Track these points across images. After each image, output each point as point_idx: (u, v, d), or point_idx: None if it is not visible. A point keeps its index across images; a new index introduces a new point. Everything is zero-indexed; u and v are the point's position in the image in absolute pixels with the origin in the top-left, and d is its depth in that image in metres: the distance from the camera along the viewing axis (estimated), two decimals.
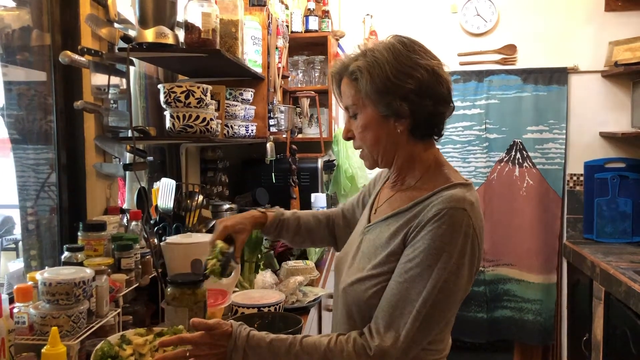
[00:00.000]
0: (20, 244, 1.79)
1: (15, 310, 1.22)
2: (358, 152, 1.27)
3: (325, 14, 3.23)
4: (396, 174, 1.24)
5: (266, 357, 1.10)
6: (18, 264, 1.75)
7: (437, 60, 1.16)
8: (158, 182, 2.10)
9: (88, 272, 1.25)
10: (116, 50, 1.77)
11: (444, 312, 1.09)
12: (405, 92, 1.12)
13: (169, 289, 1.38)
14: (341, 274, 1.26)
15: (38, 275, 1.22)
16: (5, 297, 1.17)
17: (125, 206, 2.02)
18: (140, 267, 1.59)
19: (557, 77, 3.50)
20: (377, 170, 1.35)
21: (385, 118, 1.16)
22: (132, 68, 1.99)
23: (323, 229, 1.53)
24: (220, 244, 1.32)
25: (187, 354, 1.09)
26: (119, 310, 1.43)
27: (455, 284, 1.07)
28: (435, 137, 1.22)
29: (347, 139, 1.24)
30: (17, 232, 1.76)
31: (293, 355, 1.09)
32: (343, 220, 1.51)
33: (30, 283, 1.29)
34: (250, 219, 1.40)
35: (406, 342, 1.06)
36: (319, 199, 2.98)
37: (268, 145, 2.68)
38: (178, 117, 1.79)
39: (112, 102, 1.88)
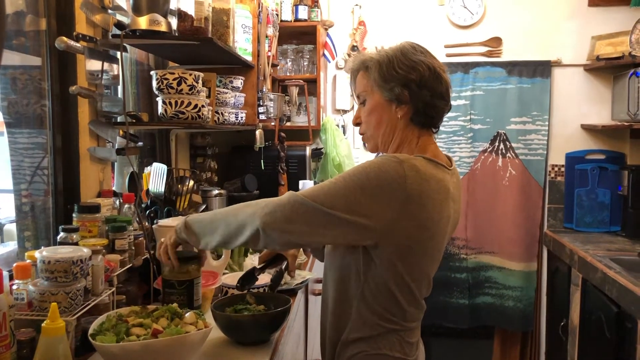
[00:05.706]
0: (5, 227, 1.81)
1: (14, 287, 1.26)
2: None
3: (315, 4, 3.26)
4: None
5: (205, 218, 1.32)
6: (2, 249, 1.78)
7: (439, 62, 1.31)
8: (149, 167, 2.14)
9: (85, 251, 1.29)
10: (110, 37, 1.80)
11: (345, 194, 1.18)
12: (407, 81, 1.28)
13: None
14: None
15: (37, 254, 1.26)
16: (5, 273, 1.20)
17: (115, 189, 2.05)
18: (133, 248, 1.64)
19: (540, 70, 3.57)
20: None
21: (389, 103, 1.31)
22: (124, 54, 2.02)
23: None
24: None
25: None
26: (113, 289, 1.47)
27: (361, 188, 1.17)
28: (434, 129, 1.36)
29: (356, 124, 1.41)
30: (3, 217, 1.79)
31: (231, 209, 1.28)
32: None
33: (28, 261, 1.33)
34: None
35: (310, 196, 1.19)
36: (306, 186, 3.03)
37: (257, 132, 2.73)
38: (170, 104, 1.83)
39: (105, 87, 1.91)
